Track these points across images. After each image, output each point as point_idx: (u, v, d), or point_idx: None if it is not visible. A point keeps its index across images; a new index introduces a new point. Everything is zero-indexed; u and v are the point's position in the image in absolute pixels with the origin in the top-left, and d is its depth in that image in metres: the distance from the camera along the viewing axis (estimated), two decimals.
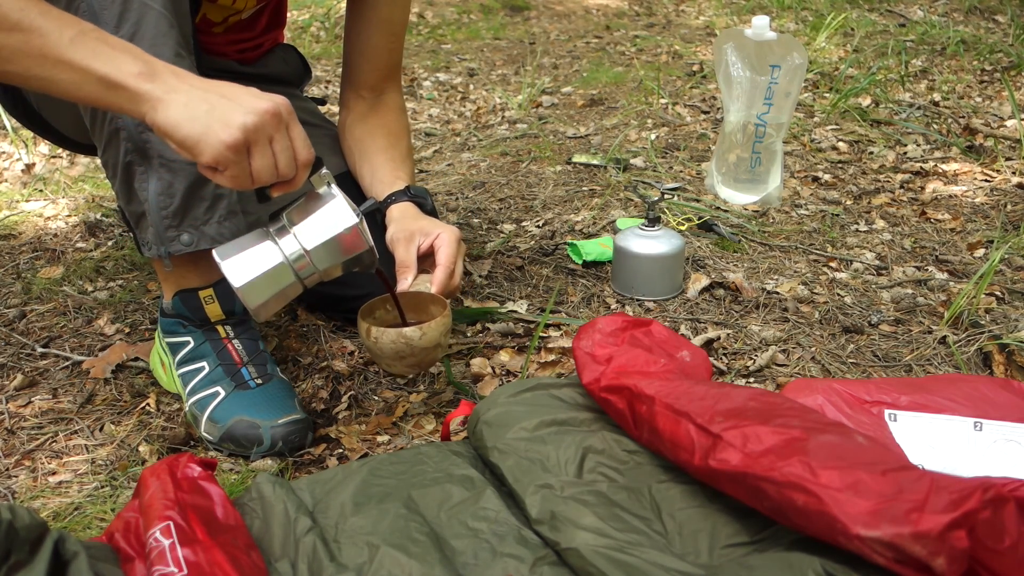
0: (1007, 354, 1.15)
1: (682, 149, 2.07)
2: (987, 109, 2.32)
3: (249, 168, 0.81)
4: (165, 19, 0.92)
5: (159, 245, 0.99)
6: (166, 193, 0.97)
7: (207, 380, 1.05)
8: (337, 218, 0.90)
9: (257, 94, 0.81)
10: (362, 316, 1.03)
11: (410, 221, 1.16)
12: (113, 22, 0.89)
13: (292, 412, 1.02)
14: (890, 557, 0.59)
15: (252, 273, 0.89)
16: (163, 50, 0.90)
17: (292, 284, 0.92)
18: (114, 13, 0.89)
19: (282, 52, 1.43)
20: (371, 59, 1.30)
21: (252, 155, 0.80)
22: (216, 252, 0.91)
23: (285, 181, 0.85)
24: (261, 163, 0.81)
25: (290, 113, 0.83)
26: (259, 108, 0.79)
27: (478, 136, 2.32)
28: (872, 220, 1.65)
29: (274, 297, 0.91)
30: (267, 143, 0.81)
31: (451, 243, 1.11)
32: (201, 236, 0.99)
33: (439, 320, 1.00)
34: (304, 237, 0.90)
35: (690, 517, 0.76)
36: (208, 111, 0.78)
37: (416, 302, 1.07)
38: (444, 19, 4.02)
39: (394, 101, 1.34)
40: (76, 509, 0.91)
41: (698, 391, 0.81)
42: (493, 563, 0.73)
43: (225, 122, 0.77)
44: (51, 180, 1.92)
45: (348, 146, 1.33)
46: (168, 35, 0.92)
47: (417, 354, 1.00)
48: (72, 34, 0.77)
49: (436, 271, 1.09)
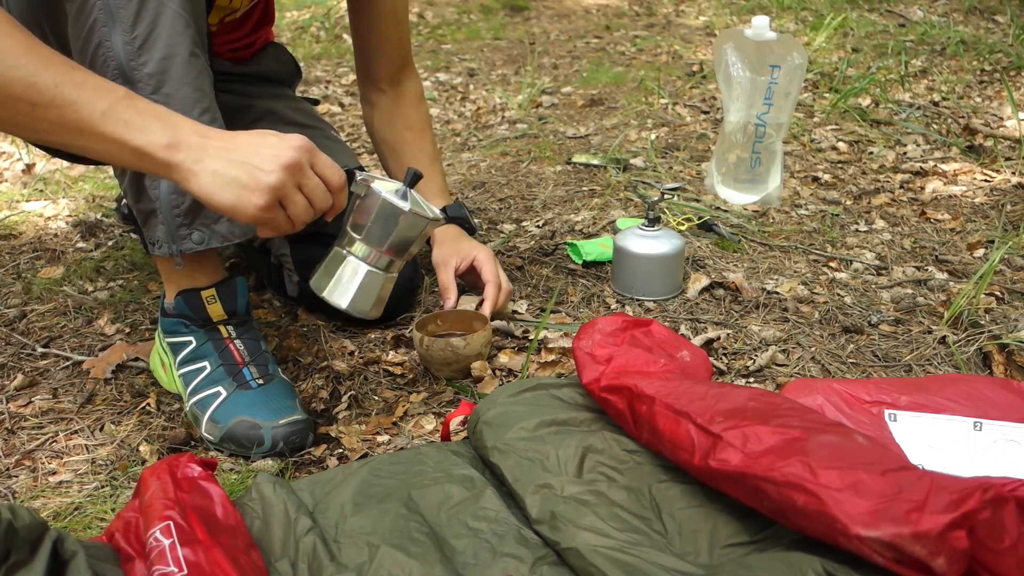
0: (1007, 354, 1.15)
1: (682, 149, 2.07)
2: (987, 109, 2.32)
3: (288, 215, 0.86)
4: (182, 18, 0.92)
5: (171, 243, 0.99)
6: (178, 191, 0.96)
7: (208, 380, 1.04)
8: (391, 212, 0.99)
9: (277, 144, 0.84)
10: (417, 328, 1.17)
11: (449, 245, 1.31)
12: (129, 21, 0.89)
13: (293, 413, 1.02)
14: (890, 557, 0.59)
15: (351, 291, 1.02)
16: (178, 48, 0.91)
17: (386, 279, 1.04)
18: (130, 12, 0.89)
19: (274, 51, 1.44)
20: (384, 52, 1.32)
21: (286, 206, 0.85)
22: (312, 284, 1.03)
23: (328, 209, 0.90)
24: (296, 210, 0.85)
25: (311, 151, 0.86)
26: (282, 163, 0.83)
27: (478, 136, 2.32)
28: (872, 220, 1.65)
29: (378, 297, 1.04)
30: (296, 190, 0.85)
31: (489, 260, 1.27)
32: (212, 234, 0.99)
33: (480, 333, 1.15)
34: (373, 240, 1.01)
35: (690, 517, 0.76)
36: (236, 178, 0.81)
37: (462, 318, 1.22)
38: (444, 19, 4.02)
39: (413, 91, 1.41)
40: (76, 509, 0.91)
41: (698, 391, 0.81)
42: (493, 563, 0.73)
43: (254, 187, 0.82)
44: (51, 180, 1.92)
45: (379, 148, 1.44)
46: (184, 34, 0.92)
47: (461, 360, 1.14)
48: (104, 106, 0.79)
49: (486, 288, 1.25)
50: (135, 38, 0.90)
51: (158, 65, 0.91)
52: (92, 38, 0.89)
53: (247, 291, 1.08)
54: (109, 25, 0.89)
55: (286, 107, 1.37)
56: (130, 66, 0.90)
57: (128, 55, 0.90)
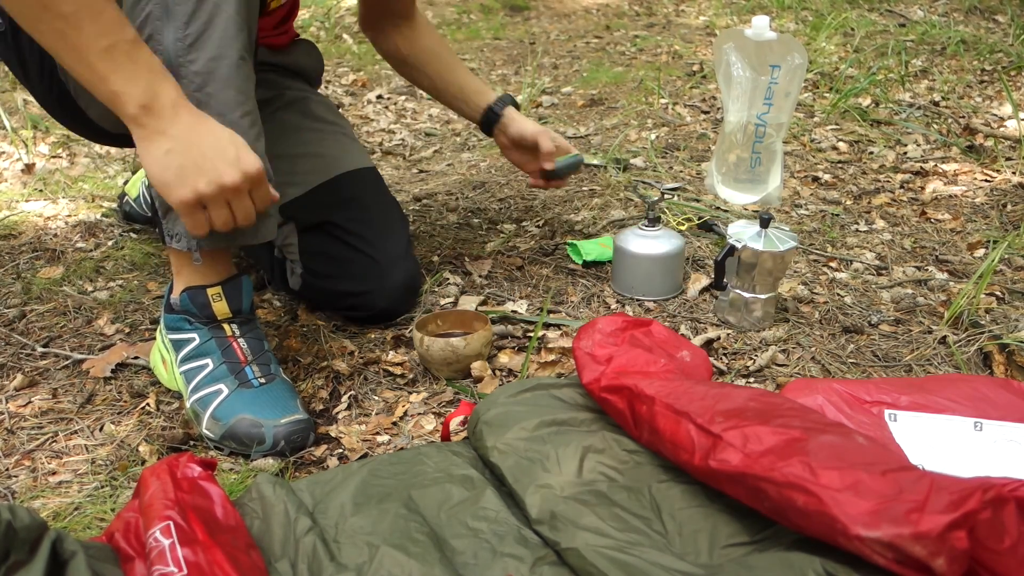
0: (1007, 354, 1.15)
1: (682, 149, 2.07)
2: (987, 109, 2.32)
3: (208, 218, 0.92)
4: (235, 23, 0.93)
5: (190, 238, 0.99)
6: None
7: (210, 378, 1.04)
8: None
9: (233, 159, 0.88)
10: (417, 328, 1.17)
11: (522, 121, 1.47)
12: (184, 19, 0.90)
13: (295, 412, 1.02)
14: (890, 557, 0.59)
15: None
16: (228, 51, 0.93)
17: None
18: (187, 10, 0.90)
19: (305, 46, 1.48)
20: None
21: (209, 212, 0.91)
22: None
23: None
24: (216, 220, 0.92)
25: (256, 181, 0.91)
26: (221, 181, 0.88)
27: (478, 136, 2.32)
28: (872, 220, 1.65)
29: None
30: (224, 205, 0.90)
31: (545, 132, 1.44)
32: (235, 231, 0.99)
33: (480, 333, 1.14)
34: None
35: (690, 517, 0.76)
36: (179, 167, 0.87)
37: (463, 318, 1.21)
38: (444, 19, 4.02)
39: (426, 22, 1.50)
40: (76, 509, 0.91)
41: (698, 391, 0.81)
42: (493, 563, 0.73)
43: (185, 183, 0.88)
44: (51, 180, 1.92)
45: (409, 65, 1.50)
46: (236, 38, 0.93)
47: (461, 360, 1.14)
48: (107, 42, 0.84)
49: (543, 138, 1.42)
50: (187, 36, 0.91)
51: (206, 65, 0.92)
52: (145, 28, 0.91)
53: (252, 290, 1.09)
54: (163, 19, 0.90)
55: (312, 101, 1.40)
56: (178, 61, 0.91)
57: (178, 51, 0.91)
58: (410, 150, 2.29)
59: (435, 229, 1.65)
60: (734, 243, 1.23)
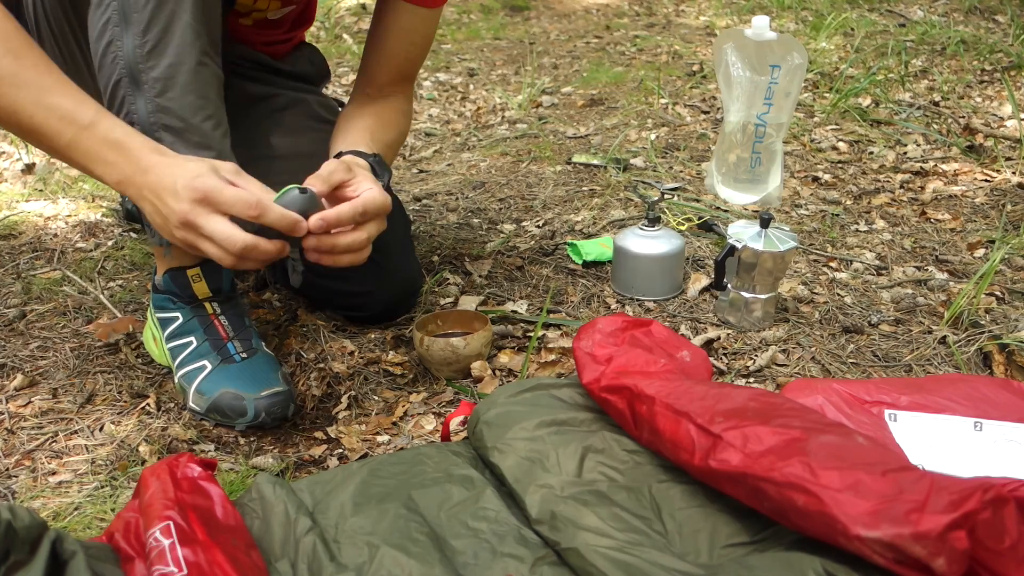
0: (1007, 354, 1.15)
1: (682, 149, 2.07)
2: (987, 109, 2.32)
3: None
4: (192, 29, 0.94)
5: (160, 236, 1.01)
6: None
7: (195, 354, 1.09)
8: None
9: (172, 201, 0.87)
10: (417, 328, 1.17)
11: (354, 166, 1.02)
12: (141, 26, 0.92)
13: (275, 385, 1.06)
14: (890, 558, 0.59)
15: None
16: (186, 57, 0.94)
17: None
18: (144, 17, 0.92)
19: (309, 52, 1.46)
20: (383, 61, 1.28)
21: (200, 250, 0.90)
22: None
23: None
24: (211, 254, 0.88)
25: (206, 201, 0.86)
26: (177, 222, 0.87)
27: (478, 136, 2.32)
28: (872, 220, 1.65)
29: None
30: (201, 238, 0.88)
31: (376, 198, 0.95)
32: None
33: (480, 333, 1.15)
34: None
35: (690, 517, 0.76)
36: (160, 224, 0.90)
37: (462, 318, 1.22)
38: (444, 19, 4.02)
39: (398, 103, 1.28)
40: (76, 509, 0.91)
41: (698, 391, 0.81)
42: (493, 563, 0.73)
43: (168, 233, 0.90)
44: (51, 180, 1.92)
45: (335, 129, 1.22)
46: (194, 44, 0.95)
47: (461, 360, 1.14)
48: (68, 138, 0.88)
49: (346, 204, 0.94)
50: (145, 43, 0.93)
51: (165, 71, 0.94)
52: (105, 34, 0.93)
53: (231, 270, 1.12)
54: (122, 26, 0.92)
55: (313, 101, 1.38)
56: (138, 68, 0.93)
57: (137, 58, 0.93)
58: (410, 150, 2.29)
59: (435, 229, 1.65)
60: (734, 243, 1.23)
